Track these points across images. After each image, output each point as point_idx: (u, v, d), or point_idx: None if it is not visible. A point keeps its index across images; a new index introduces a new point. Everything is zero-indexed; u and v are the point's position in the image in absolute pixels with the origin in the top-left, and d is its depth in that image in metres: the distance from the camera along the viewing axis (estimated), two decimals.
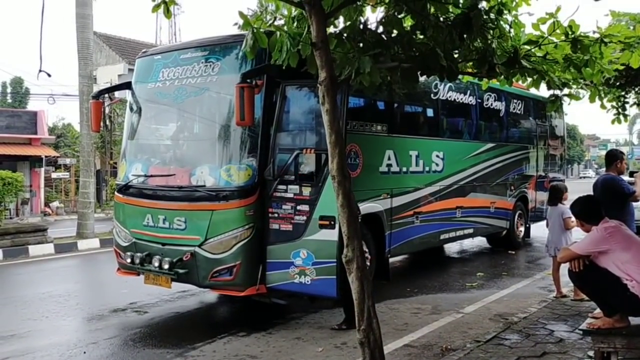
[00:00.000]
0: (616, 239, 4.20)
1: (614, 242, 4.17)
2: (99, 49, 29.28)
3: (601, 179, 6.55)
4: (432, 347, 5.66)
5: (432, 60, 4.40)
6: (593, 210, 4.59)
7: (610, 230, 4.24)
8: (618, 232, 4.24)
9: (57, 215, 23.66)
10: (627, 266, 4.08)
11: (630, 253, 4.15)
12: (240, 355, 5.54)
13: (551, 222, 7.43)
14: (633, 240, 4.29)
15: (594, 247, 4.23)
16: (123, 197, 7.40)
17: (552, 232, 7.41)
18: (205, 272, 6.48)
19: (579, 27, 4.53)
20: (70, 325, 6.91)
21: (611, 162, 6.54)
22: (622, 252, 4.14)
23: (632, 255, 4.13)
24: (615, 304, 4.08)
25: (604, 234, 4.23)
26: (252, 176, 6.42)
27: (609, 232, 4.23)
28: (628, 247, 4.18)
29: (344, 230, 4.14)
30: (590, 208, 4.64)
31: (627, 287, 4.02)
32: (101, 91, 8.64)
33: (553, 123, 13.80)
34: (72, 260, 12.41)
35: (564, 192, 7.59)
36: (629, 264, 4.09)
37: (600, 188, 6.29)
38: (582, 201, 4.75)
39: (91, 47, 15.19)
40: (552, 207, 7.56)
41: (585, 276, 4.29)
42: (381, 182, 7.95)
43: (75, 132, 27.96)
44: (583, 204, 4.71)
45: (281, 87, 6.41)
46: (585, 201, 4.74)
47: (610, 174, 6.46)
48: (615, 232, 4.23)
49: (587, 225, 4.48)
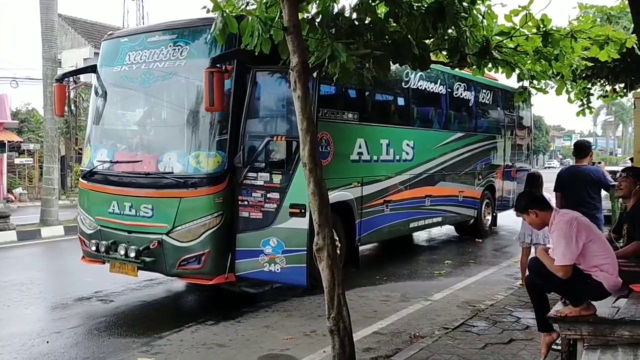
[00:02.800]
0: (580, 230, 4.13)
1: (581, 234, 4.09)
2: (64, 32, 28.46)
3: (593, 169, 6.66)
4: (401, 334, 5.71)
5: (404, 48, 4.38)
6: (537, 197, 4.56)
7: (574, 223, 4.10)
8: (579, 223, 4.14)
9: (20, 202, 23.04)
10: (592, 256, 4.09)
11: (594, 243, 4.14)
12: (208, 344, 5.49)
13: None
14: (592, 229, 4.26)
15: (576, 248, 4.01)
16: (88, 183, 7.23)
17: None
18: (172, 261, 6.39)
19: (550, 20, 4.57)
20: (33, 314, 6.73)
21: (586, 153, 6.65)
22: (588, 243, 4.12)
23: (596, 244, 4.14)
24: (580, 293, 4.09)
25: (570, 228, 4.05)
26: (221, 163, 6.34)
27: (573, 225, 4.07)
28: (589, 236, 4.14)
29: (315, 218, 4.12)
30: (534, 197, 4.60)
31: (590, 276, 4.04)
32: (65, 74, 8.39)
33: (520, 114, 14.00)
34: (36, 247, 12.11)
35: (542, 180, 7.58)
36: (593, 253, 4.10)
37: (593, 177, 6.42)
38: (523, 195, 4.85)
39: (55, 29, 14.73)
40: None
41: (545, 272, 4.13)
42: (352, 170, 7.94)
43: (40, 117, 27.16)
44: (526, 196, 4.73)
45: (252, 72, 6.32)
46: (525, 194, 4.89)
47: (590, 166, 6.59)
48: (577, 224, 4.12)
49: (543, 213, 4.29)
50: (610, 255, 4.13)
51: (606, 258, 4.07)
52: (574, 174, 6.60)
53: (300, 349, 5.30)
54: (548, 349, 4.39)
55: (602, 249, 4.12)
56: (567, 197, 6.40)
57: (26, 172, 26.26)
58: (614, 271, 4.05)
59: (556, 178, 6.69)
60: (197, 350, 5.34)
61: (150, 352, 5.27)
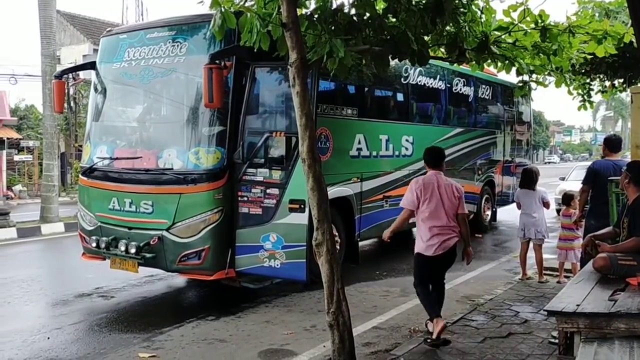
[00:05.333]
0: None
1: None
2: (62, 29, 28.44)
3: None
4: (401, 329, 5.73)
5: (403, 44, 4.39)
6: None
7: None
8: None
9: (20, 199, 23.07)
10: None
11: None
12: (209, 339, 5.51)
13: (528, 206, 7.36)
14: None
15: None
16: (88, 180, 7.24)
17: (528, 216, 7.34)
18: (173, 256, 6.41)
19: (548, 16, 4.59)
20: (33, 311, 6.75)
21: (620, 147, 6.58)
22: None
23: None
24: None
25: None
26: (221, 159, 6.35)
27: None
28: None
29: (314, 213, 4.14)
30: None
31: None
32: (64, 71, 8.38)
33: (520, 109, 13.98)
34: (36, 244, 12.13)
35: (539, 175, 7.59)
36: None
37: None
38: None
39: (54, 25, 14.72)
40: (527, 190, 7.43)
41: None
42: (351, 166, 7.96)
43: (39, 113, 27.13)
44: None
45: (251, 68, 6.33)
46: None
47: (623, 160, 6.47)
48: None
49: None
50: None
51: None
52: (607, 168, 6.27)
53: (300, 344, 5.32)
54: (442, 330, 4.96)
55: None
56: (598, 191, 6.18)
57: (26, 169, 26.26)
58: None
59: (587, 171, 6.48)
60: (198, 345, 5.36)
61: (151, 348, 5.29)
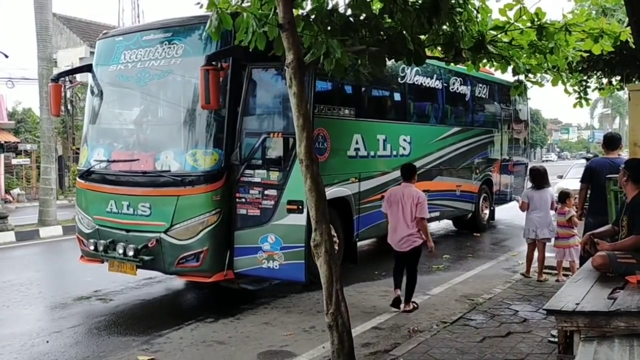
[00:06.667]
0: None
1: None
2: (59, 32, 28.37)
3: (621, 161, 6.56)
4: (400, 329, 5.72)
5: (399, 44, 4.39)
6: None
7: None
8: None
9: (18, 202, 23.05)
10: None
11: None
12: (208, 342, 5.50)
13: (538, 206, 7.36)
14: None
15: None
16: (85, 183, 7.23)
17: (537, 215, 7.36)
18: (171, 259, 6.40)
19: (545, 14, 4.59)
20: (32, 314, 6.73)
21: (617, 145, 6.58)
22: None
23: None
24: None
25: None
26: (218, 161, 6.34)
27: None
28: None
29: (312, 214, 4.13)
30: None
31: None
32: (60, 74, 8.39)
33: (517, 107, 13.98)
34: (34, 248, 12.11)
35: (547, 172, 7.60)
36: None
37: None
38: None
39: (50, 28, 14.70)
40: (538, 190, 7.44)
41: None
42: (349, 166, 7.95)
43: (36, 117, 27.07)
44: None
45: (247, 69, 6.32)
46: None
47: (621, 157, 6.46)
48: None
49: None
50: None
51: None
52: (603, 165, 6.31)
53: (299, 345, 5.31)
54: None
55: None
56: (595, 188, 6.22)
57: (24, 172, 26.22)
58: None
59: (585, 169, 6.54)
60: (197, 347, 5.35)
61: (150, 350, 5.28)
